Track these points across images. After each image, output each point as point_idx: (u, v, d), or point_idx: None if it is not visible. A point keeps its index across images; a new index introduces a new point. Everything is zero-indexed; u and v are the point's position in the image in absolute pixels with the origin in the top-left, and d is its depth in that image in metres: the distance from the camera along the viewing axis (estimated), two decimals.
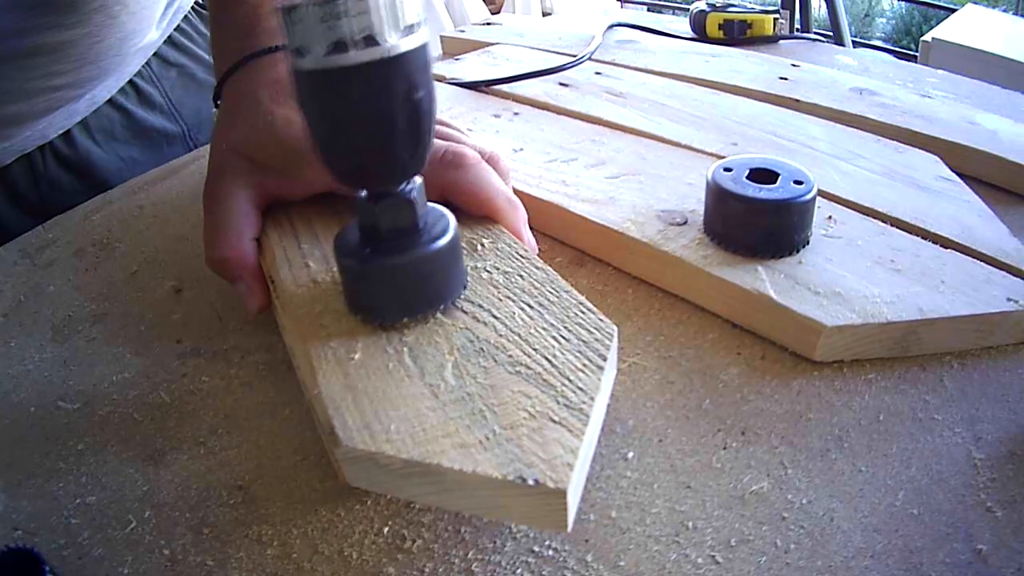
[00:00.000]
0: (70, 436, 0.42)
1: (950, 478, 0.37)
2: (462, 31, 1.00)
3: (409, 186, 0.37)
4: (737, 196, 0.46)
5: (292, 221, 0.48)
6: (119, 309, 0.52)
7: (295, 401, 0.43)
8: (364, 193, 0.37)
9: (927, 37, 1.55)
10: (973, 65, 1.36)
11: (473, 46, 0.92)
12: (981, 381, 0.43)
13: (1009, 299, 0.44)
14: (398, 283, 0.37)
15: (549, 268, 0.41)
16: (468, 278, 0.41)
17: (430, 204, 0.39)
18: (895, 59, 0.95)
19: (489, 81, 0.76)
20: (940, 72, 0.85)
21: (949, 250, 0.48)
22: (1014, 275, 0.46)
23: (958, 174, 0.59)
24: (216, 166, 0.49)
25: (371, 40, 0.31)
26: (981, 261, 0.48)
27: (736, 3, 0.95)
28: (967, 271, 0.46)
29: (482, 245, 0.43)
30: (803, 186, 0.46)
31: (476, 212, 0.46)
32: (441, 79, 0.80)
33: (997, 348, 0.45)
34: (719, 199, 0.47)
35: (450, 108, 0.71)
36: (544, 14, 1.99)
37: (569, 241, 0.54)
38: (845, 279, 0.45)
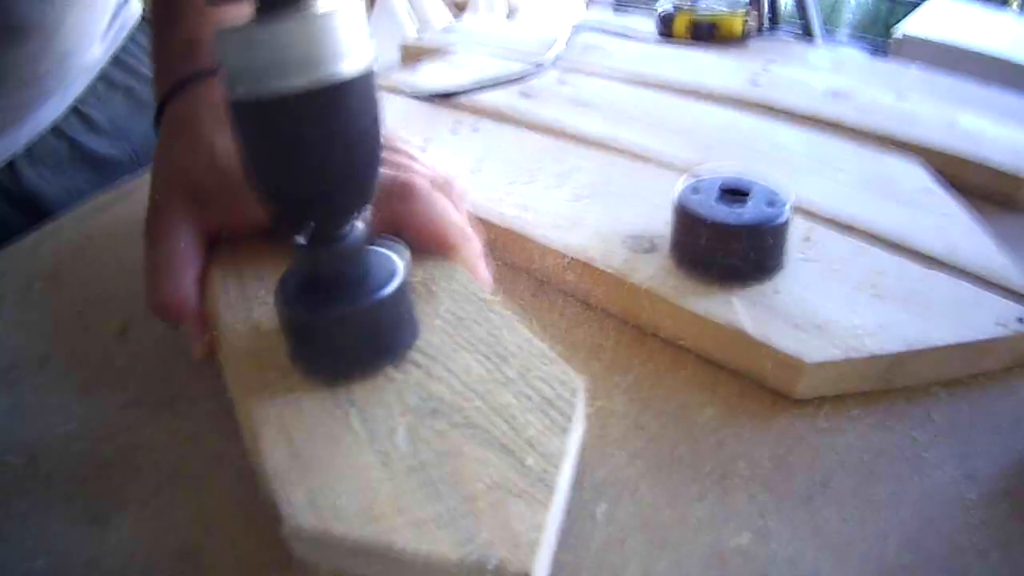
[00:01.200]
0: (15, 495, 0.39)
1: (941, 521, 0.35)
2: (420, 38, 0.97)
3: (352, 228, 0.34)
4: (705, 220, 0.43)
5: (237, 258, 0.45)
6: (65, 351, 0.49)
7: (242, 457, 0.40)
8: (302, 237, 0.34)
9: (897, 33, 1.53)
10: (947, 60, 1.34)
11: (432, 53, 0.88)
12: (971, 412, 0.40)
13: (999, 323, 0.41)
14: (343, 337, 0.35)
15: (508, 312, 0.38)
16: (420, 325, 0.38)
17: (379, 243, 0.37)
18: (869, 56, 0.92)
19: (446, 92, 0.72)
20: (914, 70, 0.82)
21: (934, 270, 0.46)
22: (1003, 295, 0.44)
23: (940, 181, 0.56)
24: (155, 199, 0.46)
25: (310, 66, 0.29)
26: (968, 281, 0.45)
27: (704, 2, 0.92)
28: (954, 293, 0.44)
29: (435, 286, 0.41)
30: (777, 206, 0.43)
31: (427, 246, 0.43)
32: (397, 90, 0.77)
33: (986, 374, 0.42)
34: (686, 223, 0.44)
35: (405, 122, 0.68)
36: (509, 15, 1.96)
37: (531, 270, 0.51)
38: (825, 308, 0.42)
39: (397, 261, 0.36)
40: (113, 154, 0.80)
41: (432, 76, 0.79)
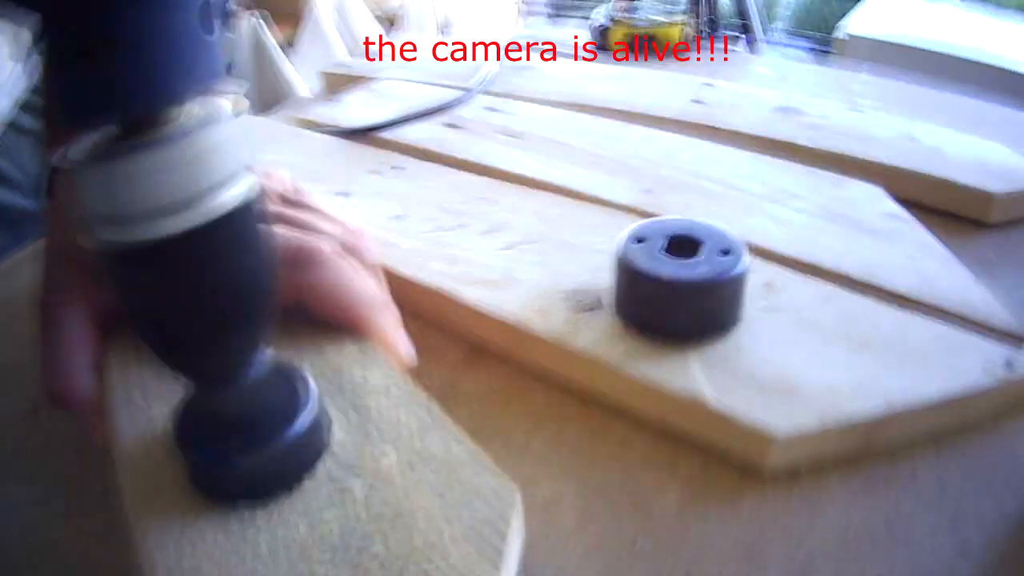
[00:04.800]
0: None
1: None
2: (343, 64, 0.91)
3: (250, 369, 0.29)
4: (652, 277, 0.38)
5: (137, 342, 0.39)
6: None
7: None
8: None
9: (841, 32, 1.50)
10: (895, 58, 1.31)
11: (356, 81, 0.83)
12: (960, 470, 0.36)
13: (986, 369, 0.37)
14: (248, 480, 0.30)
15: (434, 406, 0.33)
16: (333, 423, 0.33)
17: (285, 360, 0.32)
18: (815, 60, 0.89)
19: (367, 128, 0.66)
20: (864, 76, 0.79)
21: (910, 311, 0.41)
22: (986, 336, 0.40)
23: (904, 202, 0.52)
24: (46, 277, 0.41)
25: (181, 203, 0.23)
26: (947, 321, 0.41)
27: (640, 12, 0.87)
28: (933, 337, 0.39)
29: (347, 372, 0.35)
30: (731, 256, 0.38)
31: (336, 320, 0.37)
32: (315, 126, 0.71)
33: (973, 424, 0.38)
34: (631, 280, 0.39)
35: (323, 164, 0.62)
36: (440, 31, 1.91)
37: (462, 333, 0.45)
38: (795, 366, 0.37)
39: (308, 383, 0.31)
40: (26, 207, 0.75)
41: (354, 107, 0.73)
